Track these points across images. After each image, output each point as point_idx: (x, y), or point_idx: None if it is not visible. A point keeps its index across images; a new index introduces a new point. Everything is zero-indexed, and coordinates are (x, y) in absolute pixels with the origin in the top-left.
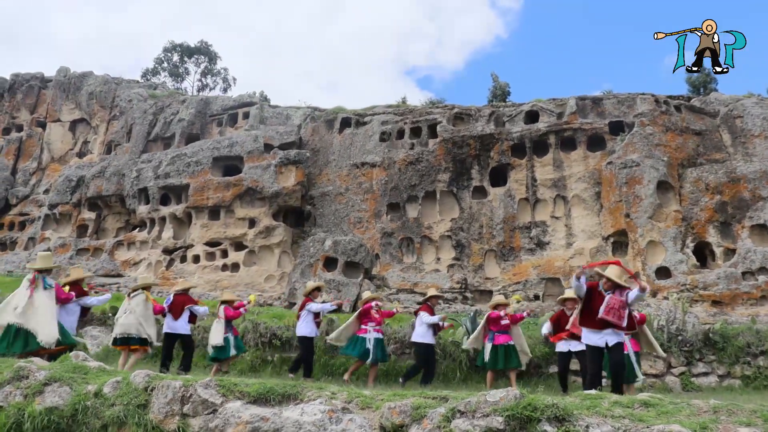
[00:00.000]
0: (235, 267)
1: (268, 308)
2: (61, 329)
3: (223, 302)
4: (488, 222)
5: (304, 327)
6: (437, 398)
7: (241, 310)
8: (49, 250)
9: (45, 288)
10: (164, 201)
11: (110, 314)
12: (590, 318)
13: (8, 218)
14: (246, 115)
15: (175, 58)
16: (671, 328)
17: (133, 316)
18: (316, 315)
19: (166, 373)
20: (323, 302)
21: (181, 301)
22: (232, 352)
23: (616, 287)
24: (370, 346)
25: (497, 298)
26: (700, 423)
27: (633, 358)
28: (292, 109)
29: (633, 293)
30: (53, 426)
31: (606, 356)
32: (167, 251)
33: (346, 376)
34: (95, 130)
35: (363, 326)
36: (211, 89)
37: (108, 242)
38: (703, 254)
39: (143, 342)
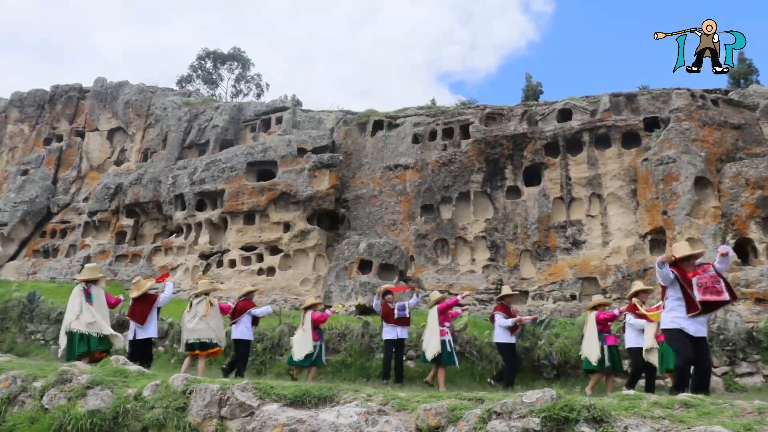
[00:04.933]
0: (270, 271)
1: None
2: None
3: (307, 308)
4: (523, 222)
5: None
6: (473, 399)
7: (327, 312)
8: (88, 258)
9: (90, 300)
10: (200, 207)
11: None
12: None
13: (50, 226)
14: (279, 120)
15: (209, 65)
16: (712, 326)
17: (203, 322)
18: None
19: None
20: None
21: (243, 307)
22: (321, 360)
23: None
24: (450, 348)
25: (597, 298)
26: (743, 424)
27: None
28: (324, 113)
29: (718, 263)
30: (96, 428)
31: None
32: (204, 256)
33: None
34: (132, 138)
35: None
36: (244, 95)
37: (146, 248)
38: (744, 251)
39: (214, 346)
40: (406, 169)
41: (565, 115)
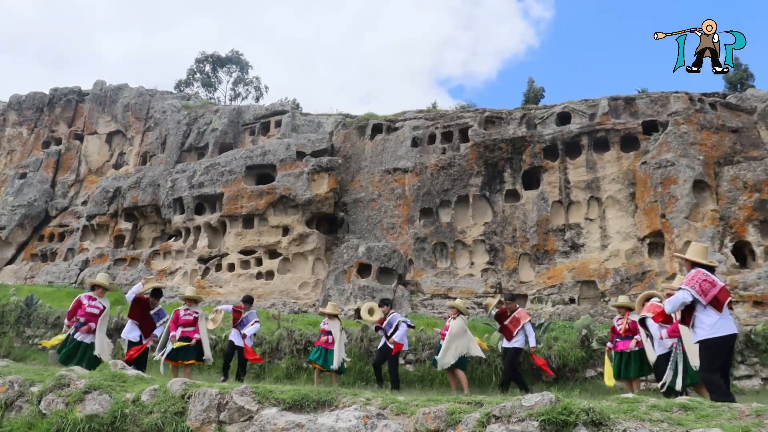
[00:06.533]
0: (269, 275)
1: (303, 315)
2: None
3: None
4: (522, 225)
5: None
6: (472, 403)
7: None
8: (87, 262)
9: None
10: (199, 210)
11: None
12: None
13: (48, 230)
14: (278, 124)
15: (208, 68)
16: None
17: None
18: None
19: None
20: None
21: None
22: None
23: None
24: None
25: (620, 300)
26: (742, 427)
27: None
28: (323, 116)
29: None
30: None
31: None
32: (202, 260)
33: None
34: (131, 142)
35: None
36: (243, 98)
37: (144, 252)
38: (742, 254)
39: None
40: (405, 173)
41: (564, 118)
